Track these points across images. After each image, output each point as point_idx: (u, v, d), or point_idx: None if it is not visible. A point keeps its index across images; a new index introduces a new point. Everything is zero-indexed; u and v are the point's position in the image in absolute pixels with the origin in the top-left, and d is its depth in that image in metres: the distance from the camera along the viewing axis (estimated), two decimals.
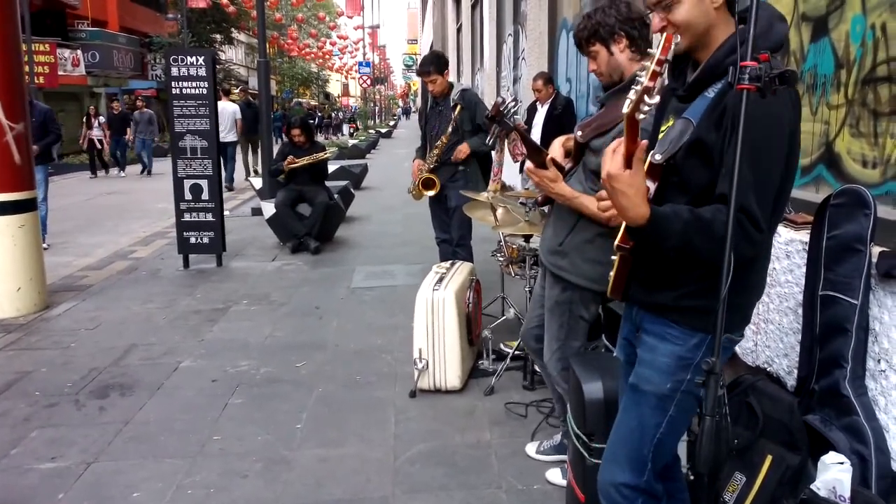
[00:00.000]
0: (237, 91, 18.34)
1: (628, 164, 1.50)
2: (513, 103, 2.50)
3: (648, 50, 1.44)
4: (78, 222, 9.86)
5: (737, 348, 3.03)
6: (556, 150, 2.60)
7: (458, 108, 4.77)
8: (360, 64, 39.49)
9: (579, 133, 2.48)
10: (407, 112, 78.33)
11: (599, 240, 2.48)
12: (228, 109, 12.99)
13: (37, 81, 18.74)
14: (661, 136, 1.74)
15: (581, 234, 2.53)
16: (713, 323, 1.48)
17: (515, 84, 10.75)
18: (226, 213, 10.81)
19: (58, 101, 14.75)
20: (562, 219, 2.58)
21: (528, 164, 2.53)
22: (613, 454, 1.84)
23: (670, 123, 1.71)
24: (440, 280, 3.88)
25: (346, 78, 56.38)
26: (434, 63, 4.88)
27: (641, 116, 1.42)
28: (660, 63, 1.39)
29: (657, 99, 1.39)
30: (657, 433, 1.76)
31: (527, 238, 3.73)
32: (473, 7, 15.90)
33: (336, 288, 6.09)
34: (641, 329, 1.79)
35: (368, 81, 39.09)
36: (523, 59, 10.01)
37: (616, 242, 1.66)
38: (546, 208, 2.69)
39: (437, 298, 3.72)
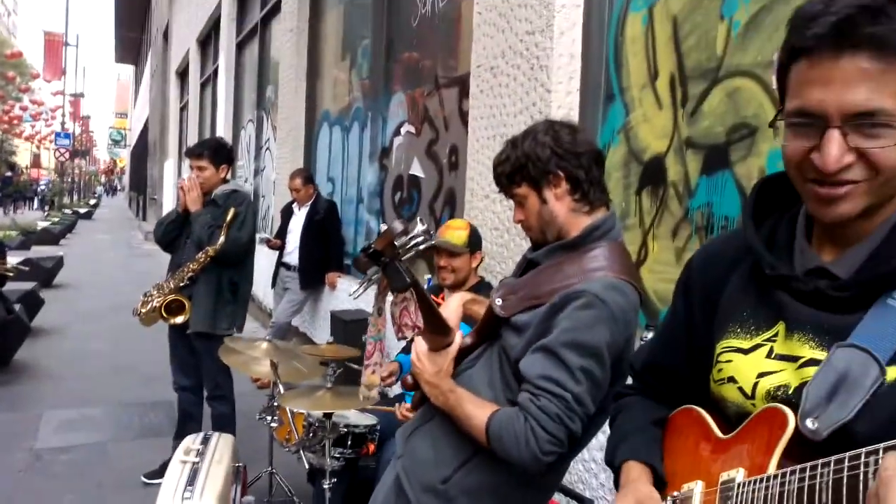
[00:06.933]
0: None
1: None
2: (421, 237, 1.44)
3: None
4: None
5: None
6: (453, 310, 1.60)
7: (233, 212, 3.57)
8: (58, 135, 34.59)
9: (499, 301, 1.51)
10: (113, 190, 71.99)
11: (507, 489, 1.53)
12: None
13: None
14: (791, 377, 0.87)
15: (484, 471, 1.52)
16: None
17: (256, 176, 9.58)
18: None
19: None
20: (450, 434, 1.56)
21: (419, 342, 1.50)
22: None
23: (808, 355, 0.89)
24: (192, 479, 2.54)
25: (39, 148, 49.77)
26: (211, 148, 3.70)
27: None
28: None
29: None
30: None
31: (327, 415, 2.59)
32: (203, 86, 14.44)
33: (11, 451, 4.22)
34: None
35: (67, 154, 34.25)
36: (267, 149, 8.93)
37: None
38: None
39: None
